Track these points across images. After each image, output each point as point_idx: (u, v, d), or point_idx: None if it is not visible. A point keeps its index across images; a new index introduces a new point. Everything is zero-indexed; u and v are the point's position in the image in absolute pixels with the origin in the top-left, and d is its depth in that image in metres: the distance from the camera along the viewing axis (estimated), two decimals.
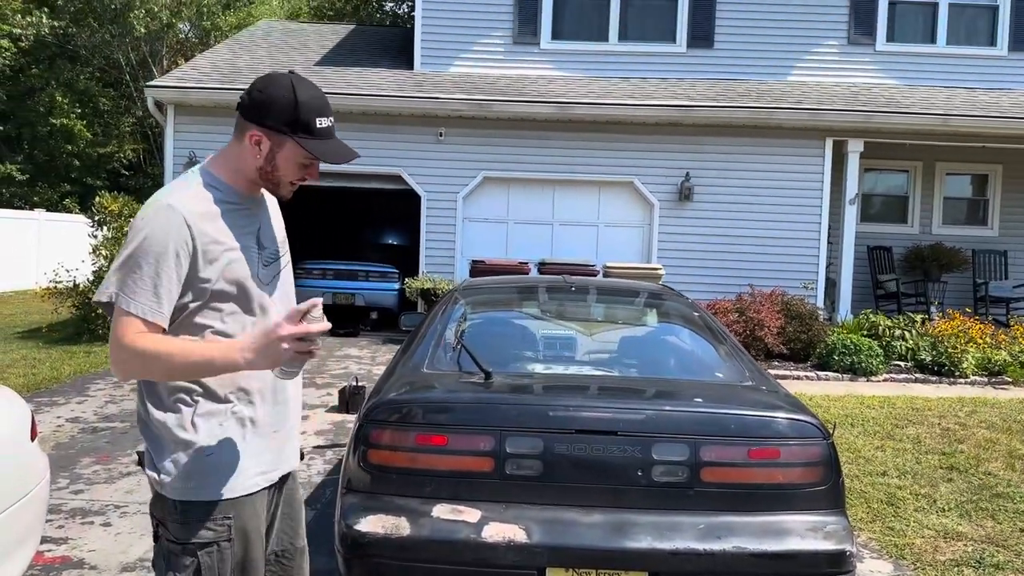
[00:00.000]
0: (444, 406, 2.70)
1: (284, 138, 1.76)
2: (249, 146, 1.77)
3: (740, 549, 2.40)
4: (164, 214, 1.67)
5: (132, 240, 1.66)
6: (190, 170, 1.84)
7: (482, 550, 2.39)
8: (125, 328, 1.63)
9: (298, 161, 1.79)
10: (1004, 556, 3.84)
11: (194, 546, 1.69)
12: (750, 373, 3.11)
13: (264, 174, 1.80)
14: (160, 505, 1.73)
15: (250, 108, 1.76)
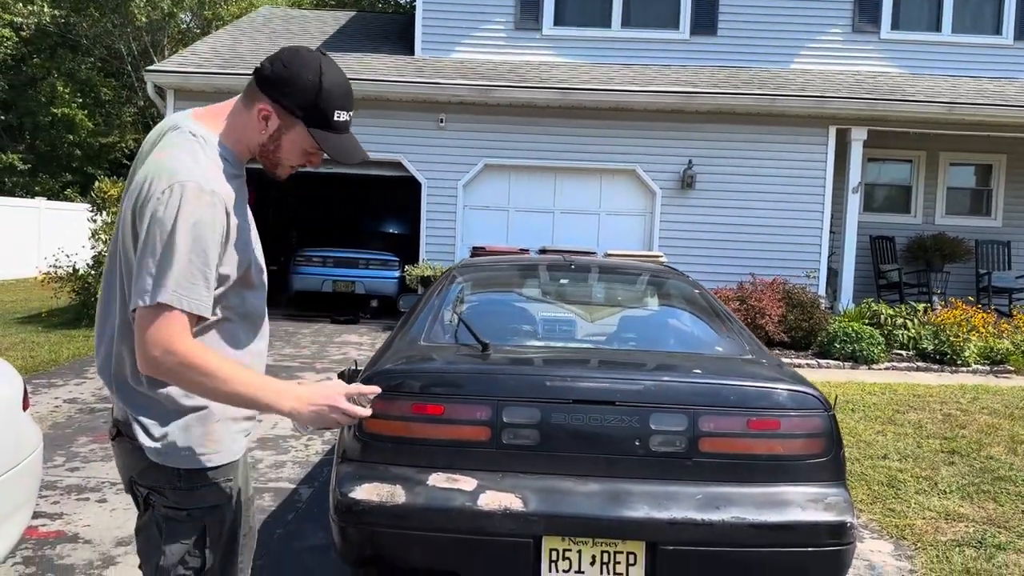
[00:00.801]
0: (441, 376, 2.67)
1: (295, 122, 1.64)
2: (256, 119, 1.64)
3: (739, 520, 2.37)
4: (208, 201, 1.52)
5: (177, 230, 1.49)
6: (195, 129, 1.64)
7: (478, 518, 2.36)
8: (171, 326, 1.49)
9: (303, 148, 1.69)
10: (1006, 537, 3.81)
11: (200, 511, 1.65)
12: (750, 348, 3.07)
13: (265, 152, 1.69)
14: (155, 474, 1.65)
15: (268, 80, 1.62)
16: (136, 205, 1.55)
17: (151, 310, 1.49)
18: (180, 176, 1.52)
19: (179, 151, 1.58)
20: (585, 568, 2.41)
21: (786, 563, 2.43)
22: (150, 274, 1.49)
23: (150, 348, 1.49)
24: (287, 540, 3.51)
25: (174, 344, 1.49)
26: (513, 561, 2.40)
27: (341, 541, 2.46)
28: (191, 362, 1.50)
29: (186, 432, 1.62)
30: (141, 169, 1.61)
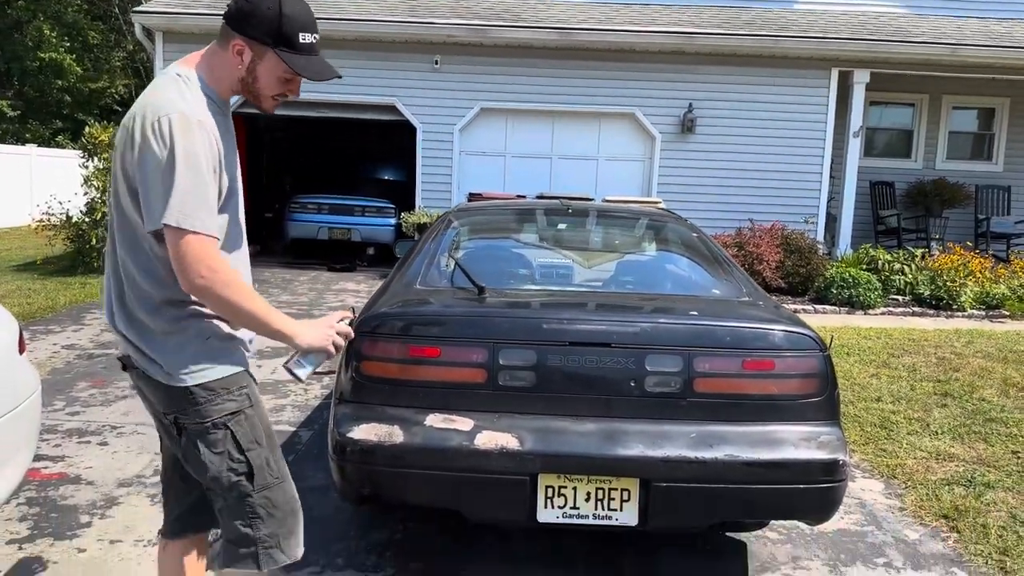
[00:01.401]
0: (437, 319, 2.66)
1: (265, 49, 1.76)
2: (232, 56, 1.77)
3: (732, 457, 2.40)
4: (198, 131, 1.66)
5: (177, 158, 1.62)
6: (179, 71, 1.77)
7: (475, 457, 2.39)
8: (208, 248, 1.65)
9: (278, 75, 1.80)
10: (995, 476, 3.88)
11: (223, 419, 1.78)
12: (747, 290, 3.07)
13: (245, 85, 1.81)
14: (173, 399, 1.78)
15: (235, 17, 1.76)
16: (129, 140, 1.68)
17: (182, 236, 1.62)
18: (166, 108, 1.66)
19: (164, 89, 1.72)
20: (580, 504, 2.44)
21: (778, 499, 2.47)
22: (168, 201, 1.61)
23: (193, 271, 1.64)
24: None
25: (215, 263, 1.66)
26: (510, 498, 2.43)
27: (340, 480, 2.49)
28: (230, 279, 1.67)
29: (183, 351, 1.76)
30: (130, 114, 1.73)
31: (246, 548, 1.84)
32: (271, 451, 1.88)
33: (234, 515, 1.84)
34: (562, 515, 2.45)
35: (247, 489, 1.82)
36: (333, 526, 3.13)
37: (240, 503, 1.83)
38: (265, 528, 1.84)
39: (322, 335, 1.85)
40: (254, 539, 1.84)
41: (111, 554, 2.86)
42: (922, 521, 3.42)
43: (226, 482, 1.81)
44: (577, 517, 2.45)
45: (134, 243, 1.75)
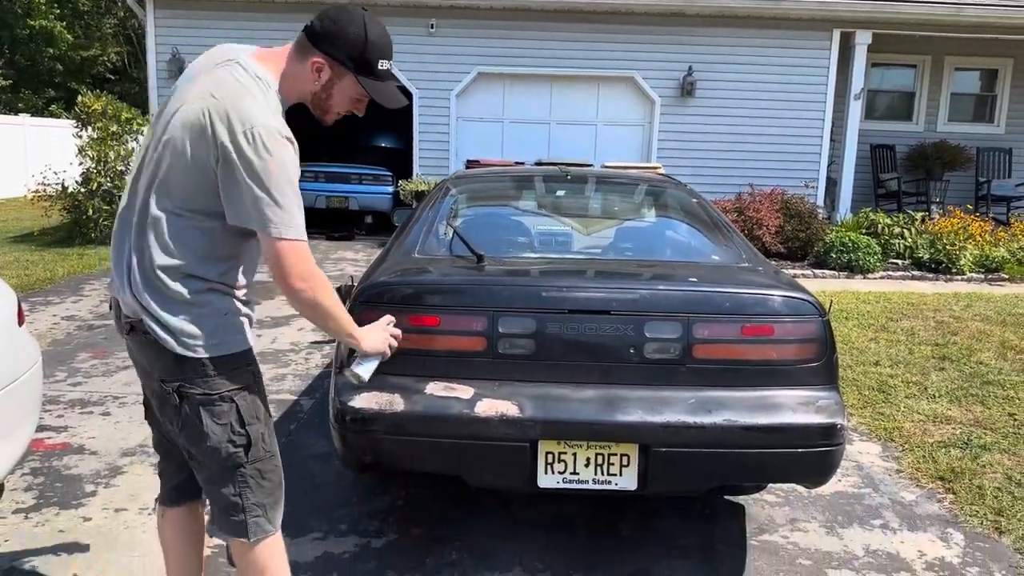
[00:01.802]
0: (436, 288, 2.66)
1: (345, 72, 1.83)
2: (309, 71, 1.82)
3: (731, 422, 2.41)
4: (289, 148, 1.73)
5: (275, 171, 1.70)
6: (260, 73, 1.79)
7: (475, 424, 2.40)
8: (305, 255, 1.76)
9: (352, 96, 1.88)
10: (991, 438, 3.91)
11: (231, 392, 1.83)
12: (747, 256, 3.06)
13: (317, 100, 1.87)
14: (181, 368, 1.80)
15: (319, 35, 1.80)
16: (207, 133, 1.69)
17: (284, 245, 1.72)
18: (260, 119, 1.70)
19: (250, 94, 1.73)
20: (580, 470, 2.46)
21: (777, 463, 2.49)
22: (269, 211, 1.69)
23: (294, 277, 1.74)
24: (290, 449, 3.59)
25: (312, 269, 1.77)
26: (510, 464, 2.45)
27: (342, 448, 2.51)
28: (323, 286, 1.80)
29: (201, 324, 1.79)
30: (198, 98, 1.73)
31: (235, 516, 1.88)
32: (266, 426, 1.93)
33: (224, 483, 1.87)
34: (562, 480, 2.47)
35: (241, 460, 1.86)
36: (335, 493, 3.16)
37: (232, 472, 1.86)
38: (254, 497, 1.89)
39: (381, 339, 2.02)
40: (243, 507, 1.88)
41: (116, 522, 2.89)
42: (918, 483, 3.46)
43: (224, 453, 1.84)
44: (577, 482, 2.47)
45: (178, 214, 1.76)
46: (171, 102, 1.84)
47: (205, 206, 1.76)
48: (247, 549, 1.92)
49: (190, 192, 1.75)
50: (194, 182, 1.74)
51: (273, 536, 1.95)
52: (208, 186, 1.73)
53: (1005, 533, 3.01)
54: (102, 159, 9.34)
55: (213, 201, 1.74)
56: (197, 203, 1.75)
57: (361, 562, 2.68)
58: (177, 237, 1.77)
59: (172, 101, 1.84)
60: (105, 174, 9.36)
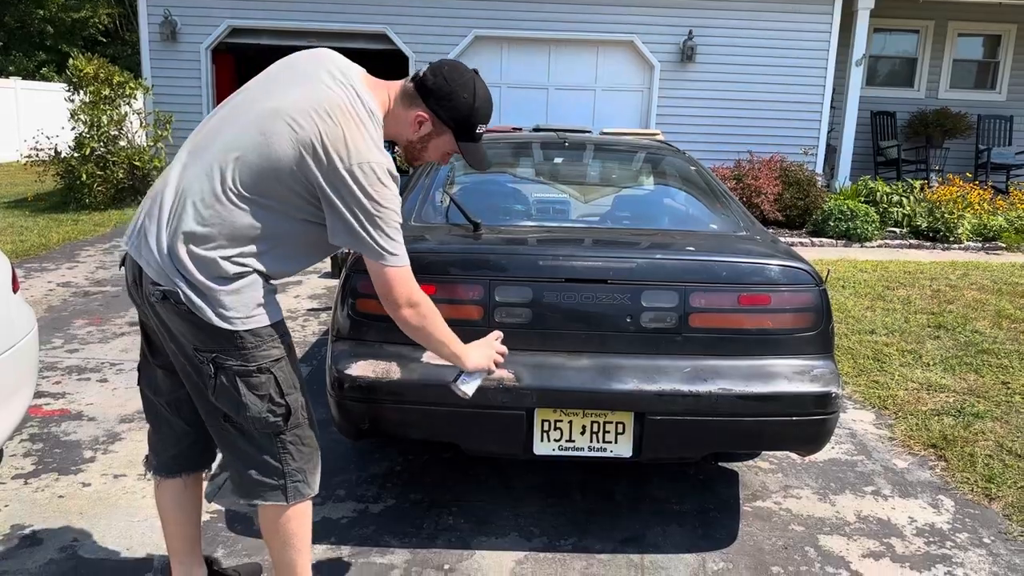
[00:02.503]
0: (432, 256, 2.63)
1: (446, 130, 1.91)
2: (412, 122, 1.89)
3: (726, 391, 2.42)
4: (395, 184, 1.81)
5: (385, 202, 1.78)
6: (374, 109, 1.83)
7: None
8: (410, 282, 1.87)
9: (445, 151, 1.97)
10: (984, 406, 3.94)
11: (268, 364, 1.85)
12: (745, 225, 3.05)
13: (411, 147, 1.95)
14: (217, 339, 1.80)
15: (429, 91, 1.86)
16: (321, 153, 1.74)
17: (391, 271, 1.83)
18: (374, 157, 1.77)
19: (366, 130, 1.79)
20: (576, 437, 2.48)
21: (771, 431, 2.51)
22: (380, 240, 1.79)
23: (404, 304, 1.87)
24: None
25: (417, 296, 1.90)
26: (507, 432, 2.47)
27: (339, 416, 2.52)
28: (429, 310, 1.92)
29: (240, 296, 1.80)
30: (312, 115, 1.75)
31: (274, 480, 1.91)
32: (304, 394, 1.96)
33: (264, 451, 1.89)
34: (558, 448, 2.49)
35: (281, 428, 1.89)
36: (333, 459, 3.18)
37: (272, 440, 1.89)
38: (294, 463, 1.92)
39: (486, 356, 2.09)
40: (284, 472, 1.91)
41: (116, 488, 2.91)
42: (911, 451, 3.50)
43: (264, 422, 1.86)
44: (573, 450, 2.49)
45: (241, 196, 1.77)
46: (267, 89, 1.84)
47: (275, 201, 1.78)
48: (281, 513, 1.93)
49: (267, 185, 1.77)
50: (277, 181, 1.78)
51: (309, 501, 1.98)
52: (291, 190, 1.77)
53: (995, 500, 3.05)
54: (95, 123, 9.22)
55: (285, 201, 1.78)
56: (269, 195, 1.77)
57: (359, 527, 2.72)
58: (230, 216, 1.76)
59: (268, 88, 1.84)
60: (98, 139, 9.26)
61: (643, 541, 2.68)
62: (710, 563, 2.57)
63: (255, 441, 1.89)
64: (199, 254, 1.76)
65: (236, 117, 1.82)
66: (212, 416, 1.90)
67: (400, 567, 2.48)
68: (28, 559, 2.45)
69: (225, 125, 1.83)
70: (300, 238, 1.87)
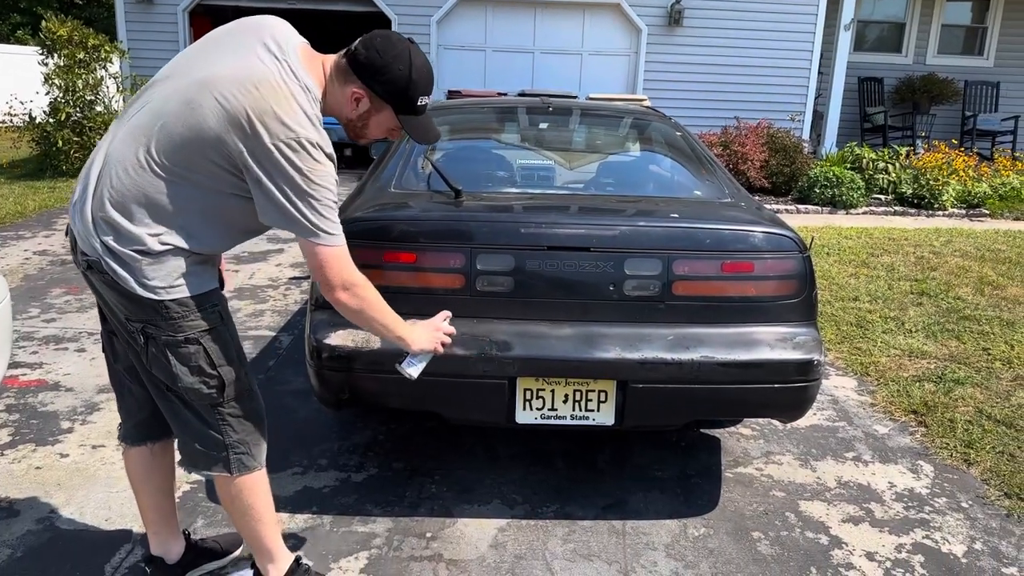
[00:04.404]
0: (413, 224, 2.59)
1: (385, 106, 1.82)
2: (348, 100, 1.80)
3: (708, 358, 2.41)
4: (330, 164, 1.73)
5: (317, 180, 1.69)
6: (309, 84, 1.74)
7: (453, 361, 2.38)
8: (345, 262, 1.79)
9: (388, 127, 1.88)
10: (965, 372, 3.97)
11: (196, 335, 1.79)
12: (730, 191, 3.01)
13: (352, 126, 1.87)
14: (143, 309, 1.75)
15: (363, 66, 1.77)
16: (247, 128, 1.65)
17: (324, 250, 1.74)
18: (303, 132, 1.67)
19: (297, 104, 1.69)
20: (558, 406, 2.47)
21: (753, 399, 2.51)
22: (312, 217, 1.70)
23: (339, 286, 1.79)
24: (269, 385, 3.58)
25: (355, 278, 1.82)
26: (489, 401, 2.45)
27: (318, 386, 2.49)
28: (367, 291, 1.85)
29: (163, 265, 1.73)
30: (240, 87, 1.66)
31: (217, 453, 1.89)
32: (241, 366, 1.91)
33: (204, 422, 1.88)
34: (540, 416, 2.48)
35: (217, 399, 1.86)
36: (315, 428, 3.17)
37: (211, 411, 1.87)
38: (235, 435, 1.90)
39: (432, 338, 2.07)
40: (225, 444, 1.89)
41: (94, 459, 2.88)
42: (892, 416, 3.52)
43: (197, 393, 1.83)
44: (555, 418, 2.48)
45: (165, 168, 1.70)
46: (202, 56, 1.76)
47: (200, 174, 1.71)
48: (230, 484, 1.92)
49: (191, 157, 1.70)
50: (201, 154, 1.69)
51: (258, 472, 1.95)
52: (216, 164, 1.70)
53: (973, 465, 3.08)
54: (70, 88, 9.01)
55: (210, 175, 1.71)
56: (193, 168, 1.70)
57: (341, 496, 2.70)
58: (152, 186, 1.71)
59: (204, 55, 1.76)
60: (74, 104, 9.05)
61: (625, 507, 2.69)
62: (691, 529, 2.58)
63: (195, 412, 1.87)
64: (121, 224, 1.71)
65: (167, 84, 1.76)
66: (154, 386, 1.88)
67: (382, 535, 2.48)
68: (5, 531, 2.42)
69: (156, 91, 1.77)
70: (229, 213, 1.79)
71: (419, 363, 2.09)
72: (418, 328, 2.06)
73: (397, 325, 1.96)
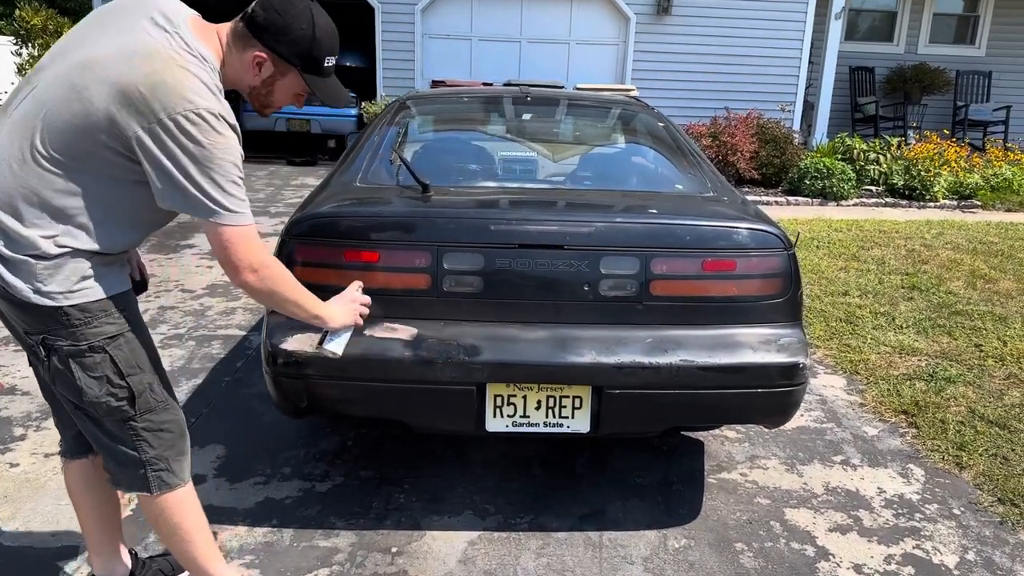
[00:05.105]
0: (376, 220, 2.45)
1: (290, 69, 1.72)
2: (249, 64, 1.69)
3: (688, 362, 2.28)
4: (234, 136, 1.61)
5: (218, 155, 1.57)
6: (204, 53, 1.62)
7: (418, 367, 2.25)
8: (254, 242, 1.66)
9: (295, 92, 1.77)
10: (956, 370, 3.86)
11: (101, 342, 1.66)
12: (712, 185, 2.88)
13: (256, 94, 1.75)
14: (42, 319, 1.62)
15: (262, 27, 1.66)
16: (139, 104, 1.52)
17: (229, 231, 1.61)
18: (202, 103, 1.55)
19: (192, 75, 1.57)
20: (530, 413, 2.34)
21: (735, 404, 2.39)
22: (215, 195, 1.57)
23: (246, 269, 1.66)
24: (236, 387, 3.44)
25: (263, 258, 1.69)
26: (457, 408, 2.32)
27: (275, 393, 2.35)
28: (276, 272, 1.74)
29: (61, 268, 1.60)
30: (128, 61, 1.54)
31: (134, 471, 1.77)
32: (154, 375, 1.77)
33: (117, 439, 1.75)
34: (512, 424, 2.35)
35: (129, 413, 1.72)
36: (281, 433, 3.03)
37: (123, 427, 1.73)
38: (152, 451, 1.77)
39: (349, 311, 2.01)
40: (142, 461, 1.77)
41: (46, 468, 2.74)
42: (881, 417, 3.41)
43: (105, 407, 1.69)
44: (527, 426, 2.35)
45: (55, 161, 1.56)
46: (85, 37, 1.62)
47: (93, 162, 1.57)
48: (152, 503, 1.80)
49: (81, 144, 1.55)
50: (91, 140, 1.55)
51: (182, 488, 1.82)
52: (109, 148, 1.56)
53: (965, 468, 2.97)
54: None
55: (103, 162, 1.57)
56: (85, 157, 1.57)
57: (304, 507, 2.57)
58: (43, 182, 1.56)
59: (87, 36, 1.62)
60: None
61: (603, 518, 2.57)
62: (671, 540, 2.46)
63: (106, 429, 1.74)
64: (10, 227, 1.56)
65: (50, 70, 1.62)
66: (66, 402, 1.75)
67: (344, 551, 2.35)
68: None
69: (40, 78, 1.62)
70: (129, 204, 1.64)
71: (340, 339, 2.01)
72: (332, 304, 1.98)
73: (311, 303, 1.88)
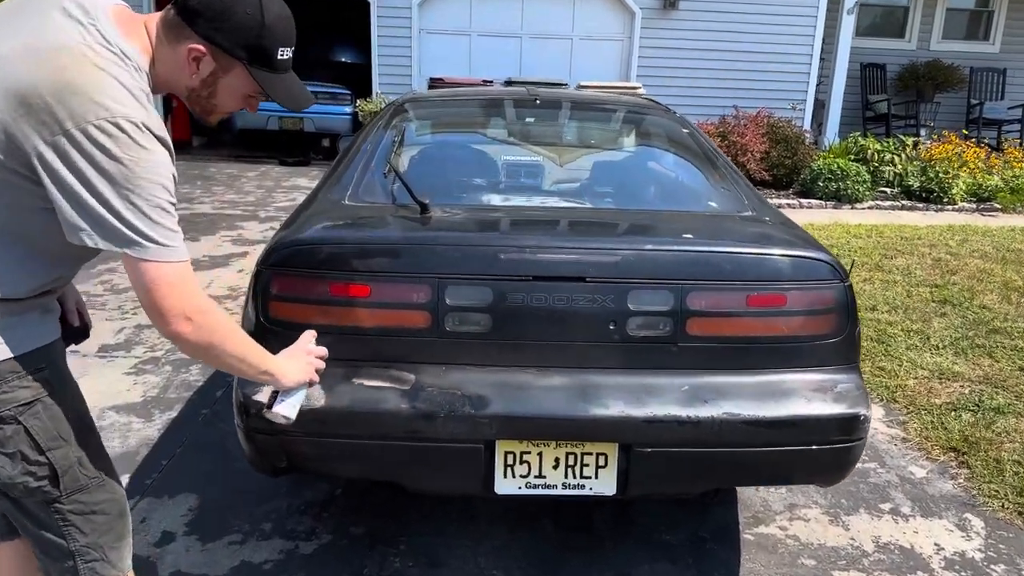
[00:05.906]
0: (365, 247, 2.11)
1: (234, 63, 1.40)
2: (184, 60, 1.37)
3: (731, 416, 1.95)
4: (162, 149, 1.30)
5: (137, 171, 1.25)
6: (127, 49, 1.31)
7: (416, 421, 1.92)
8: (189, 284, 1.34)
9: (243, 92, 1.46)
10: (1004, 398, 3.53)
11: (13, 410, 1.35)
12: (749, 202, 2.54)
13: (196, 98, 1.44)
14: None
15: (197, 14, 1.35)
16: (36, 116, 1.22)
17: (158, 269, 1.29)
18: (121, 110, 1.25)
19: (110, 76, 1.27)
20: (547, 472, 2.01)
21: (785, 463, 2.06)
22: (137, 224, 1.26)
23: (175, 317, 1.32)
24: (213, 421, 3.10)
25: (199, 303, 1.36)
26: (461, 469, 1.99)
27: (250, 451, 2.02)
28: (217, 321, 1.40)
29: None
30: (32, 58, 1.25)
31: (61, 562, 1.47)
32: (84, 447, 1.44)
33: (41, 525, 1.44)
34: (525, 485, 2.02)
35: (53, 494, 1.41)
36: (261, 481, 2.67)
37: (46, 510, 1.43)
38: (84, 538, 1.46)
39: (303, 367, 1.67)
40: (70, 551, 1.46)
41: None
42: (928, 455, 3.08)
43: (23, 487, 1.38)
44: (543, 488, 2.02)
45: None
46: None
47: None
48: None
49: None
50: (15, 161, 1.24)
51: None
52: (8, 169, 1.25)
53: None
54: None
55: (3, 186, 1.27)
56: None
57: (285, 574, 2.24)
58: None
59: None
60: None
61: None
62: None
63: (28, 512, 1.43)
64: None
65: None
66: None
67: None
68: None
69: None
70: (40, 237, 1.32)
71: (294, 399, 1.67)
72: (284, 357, 1.64)
73: (259, 357, 1.54)
